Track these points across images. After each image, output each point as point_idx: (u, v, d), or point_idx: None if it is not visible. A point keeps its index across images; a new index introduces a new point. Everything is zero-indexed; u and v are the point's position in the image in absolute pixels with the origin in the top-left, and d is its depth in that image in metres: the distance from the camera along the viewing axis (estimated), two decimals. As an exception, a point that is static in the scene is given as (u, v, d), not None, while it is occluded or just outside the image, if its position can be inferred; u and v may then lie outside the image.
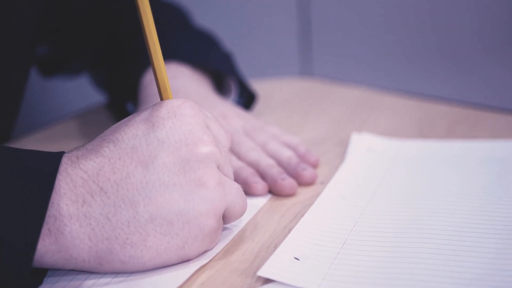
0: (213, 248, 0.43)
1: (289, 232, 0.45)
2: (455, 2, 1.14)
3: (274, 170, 0.53)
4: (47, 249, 0.37)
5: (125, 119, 0.42)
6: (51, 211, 0.37)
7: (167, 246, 0.39)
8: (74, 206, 0.38)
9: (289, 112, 0.74)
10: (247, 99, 0.70)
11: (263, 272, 0.40)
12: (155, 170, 0.39)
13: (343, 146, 0.61)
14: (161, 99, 0.43)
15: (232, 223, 0.46)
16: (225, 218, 0.43)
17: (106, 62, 0.72)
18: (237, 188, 0.43)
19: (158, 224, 0.39)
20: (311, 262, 0.41)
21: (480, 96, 1.12)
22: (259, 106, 0.74)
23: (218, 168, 0.42)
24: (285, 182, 0.52)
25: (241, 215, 0.44)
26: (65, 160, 0.39)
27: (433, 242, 0.42)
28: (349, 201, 0.50)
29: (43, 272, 0.40)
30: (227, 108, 0.60)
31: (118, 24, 0.71)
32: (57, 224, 0.37)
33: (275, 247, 0.43)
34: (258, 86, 0.80)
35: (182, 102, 0.42)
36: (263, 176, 0.53)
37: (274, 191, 0.52)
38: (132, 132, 0.40)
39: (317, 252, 0.42)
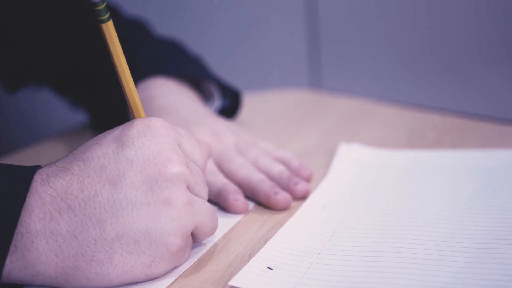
0: (181, 264, 0.43)
1: (265, 242, 0.45)
2: (451, 16, 1.16)
3: (266, 185, 0.52)
4: (14, 265, 0.38)
5: (97, 137, 0.42)
6: (18, 228, 0.37)
7: (134, 264, 0.40)
8: (42, 223, 0.38)
9: (283, 123, 0.75)
10: (232, 100, 0.70)
11: (234, 282, 0.40)
12: (123, 189, 0.39)
13: (331, 157, 0.61)
14: (134, 117, 0.44)
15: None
16: (194, 237, 0.43)
17: (83, 84, 0.72)
18: (207, 208, 0.43)
19: (124, 242, 0.39)
20: (283, 272, 0.41)
21: (471, 105, 1.12)
22: (254, 117, 0.74)
23: (188, 187, 0.42)
24: (278, 196, 0.51)
25: (211, 234, 0.44)
26: (35, 178, 0.39)
27: (407, 252, 0.42)
28: (330, 211, 0.50)
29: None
30: (219, 124, 0.60)
31: (82, 44, 0.71)
32: (23, 240, 0.38)
33: (250, 257, 0.44)
34: (256, 98, 0.80)
35: (153, 122, 0.42)
36: (254, 192, 0.53)
37: (268, 206, 0.52)
38: (102, 151, 0.40)
39: (291, 262, 0.42)
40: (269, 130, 0.72)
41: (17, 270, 0.38)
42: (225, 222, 0.49)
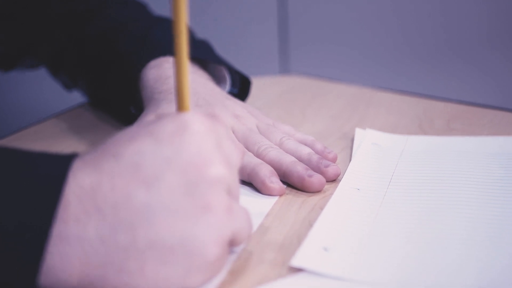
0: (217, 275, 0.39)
1: (309, 223, 0.45)
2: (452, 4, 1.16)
3: (299, 167, 0.51)
4: None
5: (129, 131, 0.38)
6: None
7: (167, 275, 0.35)
8: (65, 226, 0.34)
9: (286, 108, 0.74)
10: (241, 85, 0.68)
11: (296, 262, 0.39)
12: (159, 192, 0.35)
13: (346, 140, 0.61)
14: (178, 109, 0.39)
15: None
16: (231, 244, 0.39)
17: (83, 62, 0.70)
18: (244, 212, 0.39)
19: (157, 251, 0.35)
20: (339, 252, 0.41)
21: (474, 96, 1.14)
22: (255, 103, 0.73)
23: (227, 191, 0.38)
24: (313, 179, 0.50)
25: (246, 240, 0.40)
26: None
27: (452, 230, 0.43)
28: (366, 193, 0.50)
29: None
30: (239, 106, 0.59)
31: (83, 25, 0.69)
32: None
33: (298, 238, 0.43)
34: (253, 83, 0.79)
35: (193, 117, 0.37)
36: (286, 174, 0.51)
37: (302, 189, 0.51)
38: (135, 147, 0.36)
39: (344, 243, 0.42)
40: (272, 114, 0.71)
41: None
42: (263, 203, 0.49)
